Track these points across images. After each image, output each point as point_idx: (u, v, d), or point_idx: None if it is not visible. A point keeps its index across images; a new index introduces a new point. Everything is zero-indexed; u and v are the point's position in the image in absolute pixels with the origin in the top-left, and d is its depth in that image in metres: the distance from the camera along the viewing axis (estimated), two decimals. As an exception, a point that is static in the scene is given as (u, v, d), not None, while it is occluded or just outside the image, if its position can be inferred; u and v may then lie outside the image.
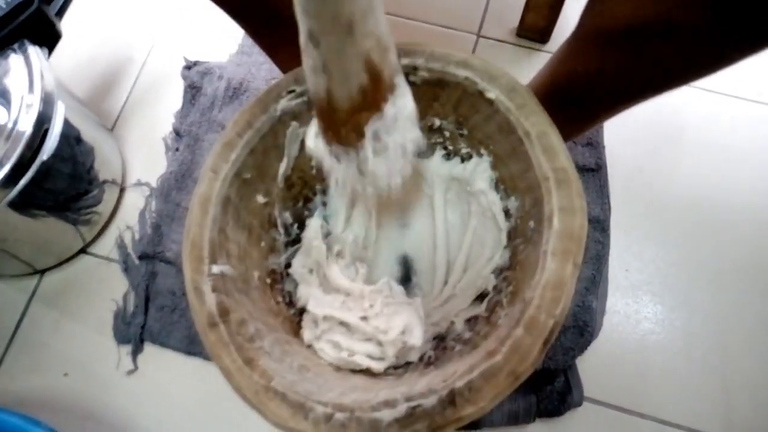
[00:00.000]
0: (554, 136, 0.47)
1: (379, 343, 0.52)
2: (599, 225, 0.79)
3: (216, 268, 0.47)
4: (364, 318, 0.53)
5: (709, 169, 0.85)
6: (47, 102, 0.66)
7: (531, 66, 0.92)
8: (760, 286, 0.78)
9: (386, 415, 0.39)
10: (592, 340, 0.73)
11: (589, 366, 0.73)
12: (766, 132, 0.88)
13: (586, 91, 0.55)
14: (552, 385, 0.71)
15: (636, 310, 0.77)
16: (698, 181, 0.84)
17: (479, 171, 0.58)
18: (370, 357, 0.51)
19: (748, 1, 0.37)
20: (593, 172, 0.82)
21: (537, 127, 0.48)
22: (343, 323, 0.53)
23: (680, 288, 0.78)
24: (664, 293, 0.78)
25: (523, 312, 0.41)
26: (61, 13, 0.72)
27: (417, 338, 0.51)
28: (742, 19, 0.38)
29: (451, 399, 0.39)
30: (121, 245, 0.80)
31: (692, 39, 0.42)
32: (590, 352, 0.73)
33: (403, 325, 0.51)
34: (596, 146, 0.84)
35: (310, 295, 0.57)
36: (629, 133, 0.87)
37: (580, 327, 0.73)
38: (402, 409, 0.39)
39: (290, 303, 0.58)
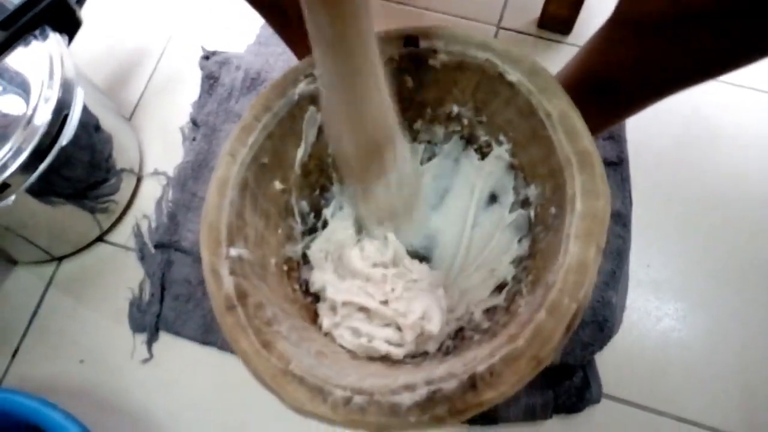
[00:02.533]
0: (577, 119, 0.46)
1: (398, 328, 0.51)
2: (620, 219, 0.78)
3: (234, 251, 0.46)
4: (384, 302, 0.52)
5: (733, 164, 0.84)
6: (67, 88, 0.66)
7: (553, 58, 0.91)
8: (784, 284, 0.76)
9: (406, 398, 0.38)
10: (611, 336, 0.72)
11: (608, 362, 0.72)
12: (795, 128, 0.86)
13: (622, 81, 0.54)
14: (570, 380, 0.70)
15: (657, 306, 0.76)
16: (722, 176, 0.83)
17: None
18: (389, 343, 0.51)
19: None
20: (615, 165, 0.81)
21: (559, 109, 0.47)
22: (362, 308, 0.52)
23: (702, 285, 0.77)
24: (685, 290, 0.77)
25: (545, 296, 0.40)
26: (81, 1, 0.73)
27: (435, 325, 0.51)
28: None
29: (472, 383, 0.38)
30: (137, 234, 0.80)
31: (735, 27, 0.41)
32: (609, 348, 0.71)
33: (422, 309, 0.51)
34: (618, 140, 0.82)
35: (325, 281, 0.56)
36: (652, 127, 0.85)
37: (599, 322, 0.71)
38: (422, 392, 0.38)
39: (307, 291, 0.58)
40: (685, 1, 0.42)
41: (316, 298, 0.57)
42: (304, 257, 0.59)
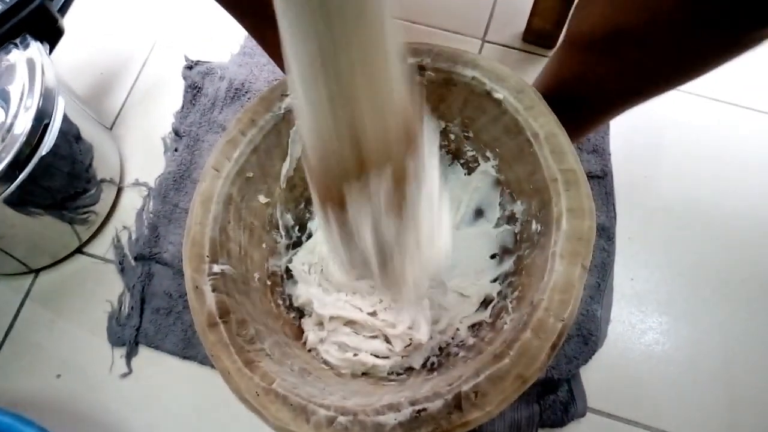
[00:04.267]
0: (563, 138, 0.47)
1: (387, 339, 0.51)
2: (605, 233, 0.78)
3: (217, 267, 0.46)
4: (372, 313, 0.52)
5: (715, 178, 0.84)
6: (47, 97, 0.65)
7: (537, 71, 0.90)
8: (766, 297, 0.77)
9: (390, 418, 0.38)
10: (596, 349, 0.72)
11: (593, 376, 0.72)
12: (773, 141, 0.88)
13: (576, 96, 0.56)
14: (555, 395, 0.70)
15: (641, 319, 0.76)
16: (705, 189, 0.84)
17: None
18: (376, 355, 0.51)
19: (723, 7, 0.37)
20: (599, 179, 0.81)
21: (545, 128, 0.48)
22: (350, 322, 0.52)
23: (686, 298, 0.77)
24: (669, 303, 0.77)
25: (530, 315, 0.40)
26: (63, 9, 0.72)
27: (424, 334, 0.51)
28: (716, 23, 0.39)
29: (457, 403, 0.38)
30: (117, 246, 0.79)
31: (669, 42, 0.42)
32: (594, 361, 0.71)
33: (410, 319, 0.51)
34: (602, 153, 0.83)
35: (310, 295, 0.56)
36: (635, 140, 0.86)
37: (584, 336, 0.72)
38: (407, 413, 0.38)
39: (290, 306, 0.57)
40: (616, 21, 0.44)
41: (300, 313, 0.57)
42: (288, 272, 0.59)
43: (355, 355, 0.51)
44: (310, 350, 0.53)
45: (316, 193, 0.37)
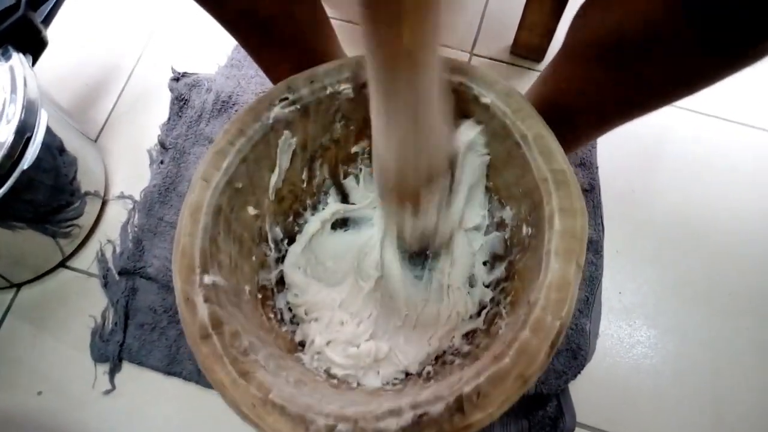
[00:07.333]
0: (551, 139, 0.47)
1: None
2: (592, 246, 0.78)
3: (208, 279, 0.45)
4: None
5: (702, 191, 0.85)
6: (30, 110, 0.64)
7: (525, 84, 0.90)
8: (753, 309, 0.77)
9: (392, 424, 0.37)
10: (585, 363, 0.71)
11: (582, 391, 0.72)
12: (760, 155, 0.88)
13: (573, 108, 0.55)
14: (544, 410, 0.69)
15: (629, 333, 0.76)
16: (692, 203, 0.84)
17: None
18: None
19: (727, 21, 0.37)
20: (586, 192, 0.81)
21: (533, 130, 0.48)
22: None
23: (674, 311, 0.77)
24: (657, 316, 0.77)
25: (528, 314, 0.40)
26: (47, 20, 0.71)
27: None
28: (720, 37, 0.38)
29: (459, 405, 0.37)
30: (101, 260, 0.77)
31: (671, 55, 0.42)
32: (583, 376, 0.71)
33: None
34: (589, 167, 0.83)
35: (322, 295, 0.57)
36: (622, 153, 0.86)
37: (573, 350, 0.71)
38: (408, 417, 0.38)
39: (282, 320, 0.56)
40: (617, 31, 0.44)
41: (293, 326, 0.56)
42: (278, 285, 0.58)
43: (357, 347, 0.52)
44: (317, 353, 0.53)
45: (396, 198, 0.51)
